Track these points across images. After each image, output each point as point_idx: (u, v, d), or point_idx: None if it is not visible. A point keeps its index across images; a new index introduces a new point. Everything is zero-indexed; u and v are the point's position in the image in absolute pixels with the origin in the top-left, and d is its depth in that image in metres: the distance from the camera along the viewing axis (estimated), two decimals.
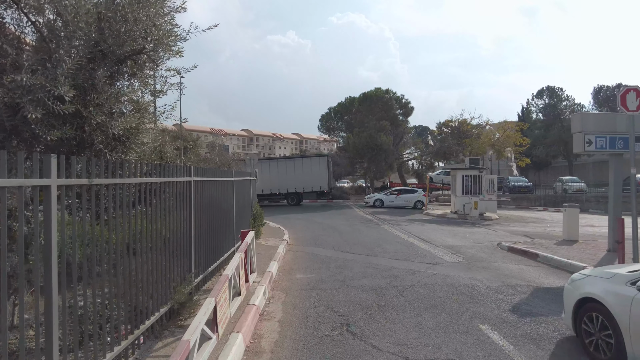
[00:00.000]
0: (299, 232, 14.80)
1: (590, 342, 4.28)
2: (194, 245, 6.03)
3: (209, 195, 6.97)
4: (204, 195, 6.62)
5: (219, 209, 7.66)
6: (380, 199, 27.19)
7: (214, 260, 7.27)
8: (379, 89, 33.08)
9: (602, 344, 4.10)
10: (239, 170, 11.79)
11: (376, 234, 14.24)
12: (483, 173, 22.10)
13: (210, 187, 7.09)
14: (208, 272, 6.77)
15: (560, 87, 46.08)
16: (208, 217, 6.89)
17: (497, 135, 24.26)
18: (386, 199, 27.07)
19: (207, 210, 6.86)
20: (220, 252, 7.69)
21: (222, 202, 7.91)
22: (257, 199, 14.73)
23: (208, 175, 6.88)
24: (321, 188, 28.40)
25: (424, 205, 26.03)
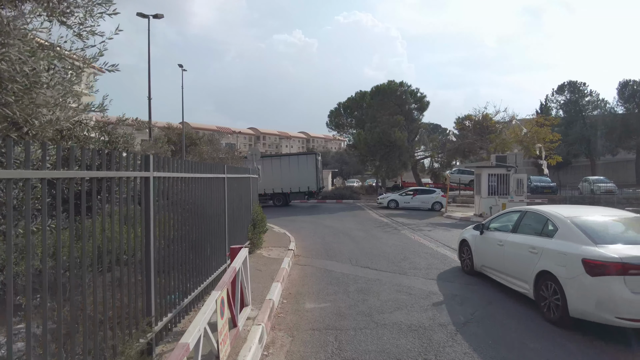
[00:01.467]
0: (306, 238, 12.77)
1: (462, 259, 8.38)
2: (157, 270, 4.05)
3: (185, 196, 4.99)
4: (178, 197, 4.65)
5: (202, 216, 5.67)
6: (395, 200, 25.05)
7: (196, 285, 5.28)
8: (393, 82, 30.83)
9: (467, 260, 8.08)
10: (234, 165, 9.78)
11: (397, 241, 12.17)
12: (511, 172, 19.90)
13: (187, 185, 5.09)
14: (185, 304, 4.79)
15: (583, 82, 43.47)
16: (184, 227, 4.90)
17: (524, 131, 22.03)
18: (401, 200, 24.92)
19: (183, 217, 4.88)
20: (204, 273, 5.69)
21: (206, 205, 5.91)
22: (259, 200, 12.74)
23: (181, 169, 4.88)
24: (309, 188, 26.26)
25: (442, 207, 23.94)
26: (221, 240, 6.75)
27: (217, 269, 6.36)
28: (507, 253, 6.61)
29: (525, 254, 6.04)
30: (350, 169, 53.14)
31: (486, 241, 7.37)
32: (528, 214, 6.66)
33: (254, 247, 9.44)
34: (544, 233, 5.93)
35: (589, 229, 5.39)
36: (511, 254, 6.49)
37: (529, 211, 6.71)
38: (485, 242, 7.39)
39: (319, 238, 12.78)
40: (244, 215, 8.87)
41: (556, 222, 5.82)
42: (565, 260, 5.19)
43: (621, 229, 5.73)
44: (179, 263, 4.72)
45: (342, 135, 38.02)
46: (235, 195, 7.88)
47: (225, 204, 7.00)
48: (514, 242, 6.49)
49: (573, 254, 5.10)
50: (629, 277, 4.58)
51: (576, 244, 5.22)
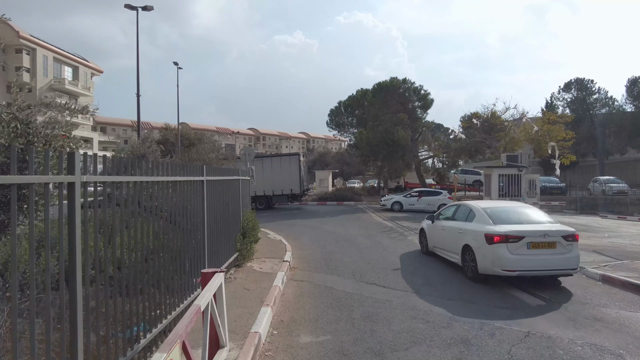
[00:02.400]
0: (305, 246, 11.60)
1: (421, 243, 10.54)
2: (86, 316, 2.89)
3: (143, 206, 3.83)
4: (129, 208, 3.49)
5: (168, 230, 4.50)
6: (399, 202, 23.86)
7: (157, 321, 4.10)
8: (395, 79, 29.62)
9: (424, 243, 10.22)
10: (222, 166, 8.61)
11: (406, 249, 10.99)
12: (523, 172, 18.76)
13: (144, 192, 3.93)
14: (139, 348, 3.61)
15: (591, 79, 42.27)
16: (138, 247, 3.74)
17: (535, 129, 20.85)
18: (405, 202, 23.75)
19: (135, 235, 3.72)
20: (169, 305, 4.52)
21: (176, 216, 4.75)
22: (252, 204, 11.58)
23: (137, 172, 3.72)
24: (292, 191, 24.92)
25: None
26: (197, 258, 5.58)
27: (190, 297, 5.18)
28: (446, 235, 9.05)
29: (456, 234, 8.41)
30: (351, 170, 51.90)
31: (435, 228, 9.75)
32: (461, 206, 9.06)
33: (244, 260, 8.27)
34: (468, 219, 8.25)
35: (493, 214, 7.76)
36: (449, 235, 8.89)
37: (461, 205, 9.17)
38: (435, 229, 9.77)
39: (319, 246, 11.60)
40: (231, 224, 7.70)
41: (475, 211, 8.21)
42: (477, 236, 7.53)
43: (513, 214, 7.91)
44: (124, 301, 3.55)
45: (343, 134, 36.87)
46: (218, 201, 6.71)
47: (204, 212, 5.83)
48: (450, 227, 8.85)
49: (480, 231, 7.47)
50: (509, 244, 6.96)
51: (483, 224, 7.60)
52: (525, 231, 7.07)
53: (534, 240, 6.98)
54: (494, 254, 7.02)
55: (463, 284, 7.50)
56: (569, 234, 7.11)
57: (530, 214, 8.02)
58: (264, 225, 16.21)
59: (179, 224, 4.88)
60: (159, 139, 27.84)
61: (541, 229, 7.21)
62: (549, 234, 7.04)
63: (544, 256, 6.97)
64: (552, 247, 7.01)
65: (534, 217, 7.87)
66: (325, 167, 49.42)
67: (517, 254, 6.92)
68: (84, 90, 67.69)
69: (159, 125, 50.58)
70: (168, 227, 4.54)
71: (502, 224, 7.37)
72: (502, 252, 6.93)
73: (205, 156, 16.25)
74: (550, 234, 7.05)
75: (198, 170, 5.69)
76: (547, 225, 7.40)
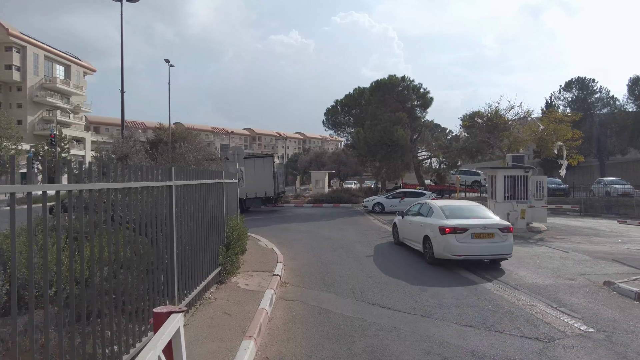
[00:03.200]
0: (299, 255, 10.57)
1: (393, 235, 12.28)
2: None
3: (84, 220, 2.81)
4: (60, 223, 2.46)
5: (118, 252, 3.46)
6: (380, 203, 23.02)
7: None
8: (394, 77, 28.59)
9: (395, 235, 12.08)
10: (199, 168, 7.55)
11: (410, 259, 9.98)
12: (529, 173, 17.78)
13: (78, 203, 2.90)
14: None
15: (592, 78, 41.51)
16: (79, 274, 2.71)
17: (540, 128, 19.92)
18: (387, 203, 22.90)
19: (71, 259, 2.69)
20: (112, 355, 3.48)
21: (133, 231, 3.72)
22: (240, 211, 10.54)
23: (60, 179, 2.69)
24: (266, 194, 23.85)
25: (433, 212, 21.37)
26: (163, 283, 4.54)
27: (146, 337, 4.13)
28: (412, 228, 10.66)
29: (419, 227, 10.02)
30: (348, 170, 50.82)
31: (404, 222, 11.37)
32: (424, 204, 10.74)
33: (228, 275, 7.23)
34: (428, 215, 9.86)
35: (447, 211, 9.42)
36: (414, 228, 10.50)
37: (424, 203, 10.88)
38: (404, 223, 11.40)
39: (314, 255, 10.56)
40: (212, 234, 6.66)
41: (433, 208, 9.85)
42: (433, 228, 9.09)
43: (463, 211, 9.51)
44: None
45: (340, 134, 35.82)
46: (195, 209, 5.67)
47: (172, 223, 4.79)
48: (415, 221, 10.47)
49: (436, 224, 9.04)
50: (457, 235, 8.59)
51: (438, 219, 9.20)
52: (469, 224, 8.73)
53: (476, 232, 8.66)
54: (445, 242, 8.72)
55: (421, 265, 9.32)
56: (505, 226, 8.84)
57: (478, 211, 9.73)
58: (255, 230, 15.19)
59: (135, 240, 3.85)
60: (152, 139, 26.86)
61: (482, 222, 8.89)
62: (488, 226, 8.77)
63: (484, 244, 8.69)
64: (491, 237, 8.71)
65: (480, 214, 9.54)
66: (322, 167, 48.36)
67: (463, 242, 8.60)
68: (77, 89, 66.33)
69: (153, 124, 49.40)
70: (126, 244, 3.50)
71: (453, 219, 9.07)
72: (451, 241, 8.63)
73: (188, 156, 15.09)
74: (489, 226, 8.78)
75: (164, 173, 4.66)
76: (488, 220, 9.13)
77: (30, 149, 39.76)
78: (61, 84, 63.12)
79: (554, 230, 16.87)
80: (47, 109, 61.08)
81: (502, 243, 8.68)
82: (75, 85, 66.84)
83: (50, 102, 60.46)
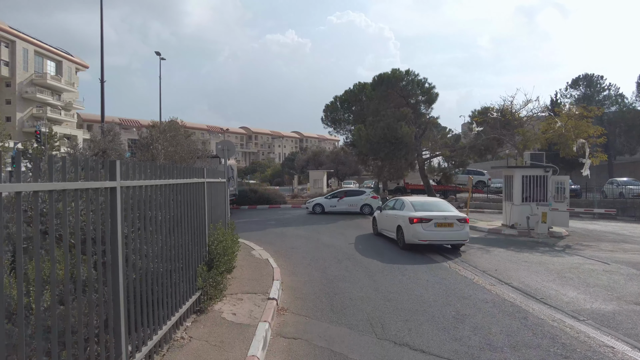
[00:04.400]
0: (299, 269, 8.96)
1: (373, 227, 14.03)
2: None
3: None
4: None
5: None
6: (320, 204, 22.18)
7: None
8: (397, 70, 27.00)
9: (375, 227, 13.88)
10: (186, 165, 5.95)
11: (432, 276, 8.35)
12: (549, 173, 16.30)
13: None
14: None
15: (600, 75, 40.17)
16: None
17: (558, 124, 18.42)
18: (327, 204, 22.08)
19: None
20: None
21: None
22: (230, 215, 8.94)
23: None
24: None
25: (372, 210, 20.25)
26: (97, 334, 2.94)
27: None
28: (388, 220, 12.55)
29: (394, 219, 11.94)
30: (347, 170, 49.27)
31: (382, 216, 13.12)
32: (397, 200, 12.71)
33: (211, 300, 5.64)
34: (401, 208, 11.87)
35: (416, 205, 11.47)
36: (390, 220, 12.35)
37: (398, 199, 12.81)
38: (382, 216, 13.14)
39: (316, 269, 8.95)
40: (187, 251, 5.06)
41: (405, 203, 11.87)
42: (405, 219, 10.98)
43: (429, 205, 11.59)
44: None
45: (339, 132, 34.21)
46: (158, 221, 4.08)
47: (117, 240, 3.19)
48: (390, 214, 12.41)
49: (407, 215, 10.97)
50: (423, 224, 10.52)
51: (409, 211, 11.17)
52: (433, 215, 10.59)
53: (439, 221, 10.50)
54: (414, 230, 10.57)
55: (394, 250, 11.19)
56: (462, 218, 10.71)
57: (441, 206, 11.67)
58: (249, 235, 13.58)
59: None
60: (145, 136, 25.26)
61: (444, 214, 10.78)
62: (448, 217, 10.64)
63: (445, 232, 10.57)
64: (450, 226, 10.57)
65: (442, 208, 11.45)
66: (319, 166, 46.78)
67: (428, 230, 10.47)
68: (68, 86, 64.25)
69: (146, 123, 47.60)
70: None
71: (422, 211, 10.93)
72: (419, 229, 10.50)
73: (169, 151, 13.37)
74: (449, 217, 10.64)
75: (105, 171, 3.07)
76: (449, 213, 10.94)
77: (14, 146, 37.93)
78: (52, 80, 61.17)
79: (576, 235, 15.39)
80: (37, 106, 59.12)
81: (459, 231, 10.69)
82: (67, 81, 64.81)
83: (40, 98, 58.49)
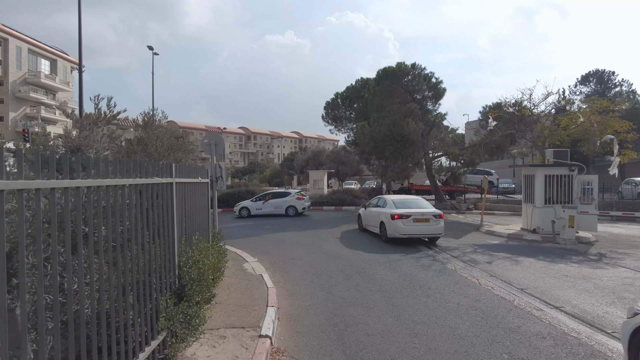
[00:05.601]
0: (299, 288, 7.40)
1: (359, 224, 15.49)
2: None
3: None
4: None
5: None
6: (246, 207, 21.77)
7: None
8: (402, 64, 25.44)
9: (360, 223, 15.33)
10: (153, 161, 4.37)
11: (460, 296, 6.82)
12: (575, 172, 14.81)
13: None
14: None
15: (612, 71, 38.74)
16: None
17: (581, 119, 16.95)
18: (253, 207, 21.83)
19: None
20: None
21: None
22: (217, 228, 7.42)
23: None
24: None
25: (296, 211, 21.67)
26: None
27: None
28: (372, 216, 13.75)
29: (377, 215, 13.09)
30: (348, 170, 47.79)
31: (367, 213, 14.42)
32: (380, 198, 13.92)
33: (180, 344, 4.10)
34: (383, 206, 13.02)
35: (397, 203, 12.63)
36: (373, 216, 13.56)
37: (381, 197, 14.03)
38: (367, 213, 14.44)
39: (321, 288, 7.39)
40: (144, 278, 3.53)
41: (387, 201, 12.99)
42: (387, 216, 12.17)
43: (409, 203, 12.81)
44: None
45: (341, 130, 32.69)
46: (90, 237, 2.55)
47: None
48: (374, 211, 13.58)
49: (389, 212, 12.14)
50: (403, 219, 11.73)
51: (390, 209, 12.31)
52: (412, 212, 11.92)
53: (417, 217, 11.84)
54: (395, 225, 11.86)
55: (378, 243, 12.42)
56: (437, 214, 12.01)
57: (419, 203, 12.89)
58: (243, 242, 12.05)
59: None
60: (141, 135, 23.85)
61: (421, 211, 12.09)
62: (425, 214, 11.97)
63: (422, 226, 11.87)
64: (427, 221, 11.88)
65: (420, 205, 12.70)
66: (320, 166, 45.29)
67: (408, 225, 11.76)
68: (63, 85, 62.61)
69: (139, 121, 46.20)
70: None
71: (402, 208, 12.18)
72: (399, 224, 11.81)
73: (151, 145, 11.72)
74: (426, 214, 11.98)
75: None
76: (426, 209, 12.25)
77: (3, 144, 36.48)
78: (46, 79, 59.62)
79: (604, 241, 13.91)
80: (31, 105, 57.56)
81: (435, 225, 11.89)
82: (62, 80, 63.23)
83: (34, 97, 56.94)
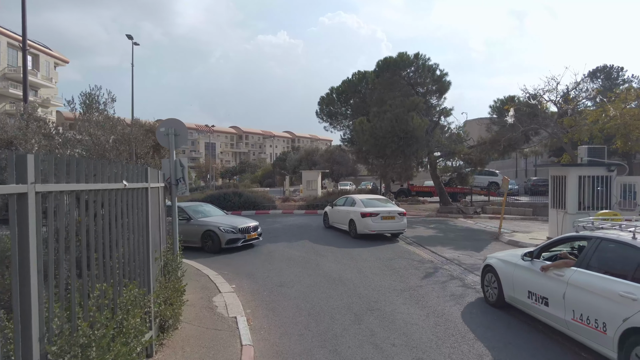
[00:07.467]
0: (288, 346, 5.01)
1: (324, 221, 17.04)
2: None
3: None
4: None
5: None
6: None
7: None
8: (405, 54, 23.21)
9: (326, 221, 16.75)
10: None
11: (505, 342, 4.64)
12: (614, 173, 12.71)
13: None
14: None
15: (621, 67, 36.94)
16: None
17: (612, 112, 14.92)
18: None
19: None
20: None
21: None
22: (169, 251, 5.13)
23: None
24: None
25: None
26: None
27: None
28: (340, 215, 15.02)
29: (346, 214, 14.38)
30: (342, 170, 45.61)
31: (334, 211, 15.71)
32: (348, 198, 15.32)
33: None
34: (352, 205, 14.37)
35: (365, 202, 14.00)
36: (342, 215, 14.83)
37: (348, 197, 15.49)
38: (334, 212, 15.72)
39: (320, 344, 5.02)
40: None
41: (356, 201, 14.33)
42: (357, 214, 13.49)
43: (374, 202, 14.27)
44: None
45: (336, 127, 30.36)
46: None
47: None
48: (343, 210, 14.85)
49: (358, 211, 13.48)
50: (372, 217, 13.17)
51: (360, 208, 13.64)
52: (379, 210, 13.33)
53: (384, 215, 13.22)
54: (365, 223, 13.21)
55: (347, 239, 13.46)
56: (400, 212, 13.49)
57: (384, 202, 14.50)
58: (220, 259, 9.72)
59: None
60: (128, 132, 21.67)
61: (388, 209, 13.50)
62: (391, 212, 13.39)
63: (388, 223, 13.28)
64: (392, 219, 13.29)
65: (385, 204, 14.21)
66: (313, 166, 43.15)
67: (376, 222, 13.13)
68: (46, 81, 59.49)
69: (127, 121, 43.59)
70: None
71: (370, 207, 13.63)
72: (368, 221, 13.15)
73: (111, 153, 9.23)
74: (392, 212, 13.38)
75: None
76: (391, 208, 13.75)
77: None
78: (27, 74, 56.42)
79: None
80: (11, 102, 54.45)
81: (399, 222, 13.40)
82: (44, 76, 60.12)
83: (13, 93, 53.78)
